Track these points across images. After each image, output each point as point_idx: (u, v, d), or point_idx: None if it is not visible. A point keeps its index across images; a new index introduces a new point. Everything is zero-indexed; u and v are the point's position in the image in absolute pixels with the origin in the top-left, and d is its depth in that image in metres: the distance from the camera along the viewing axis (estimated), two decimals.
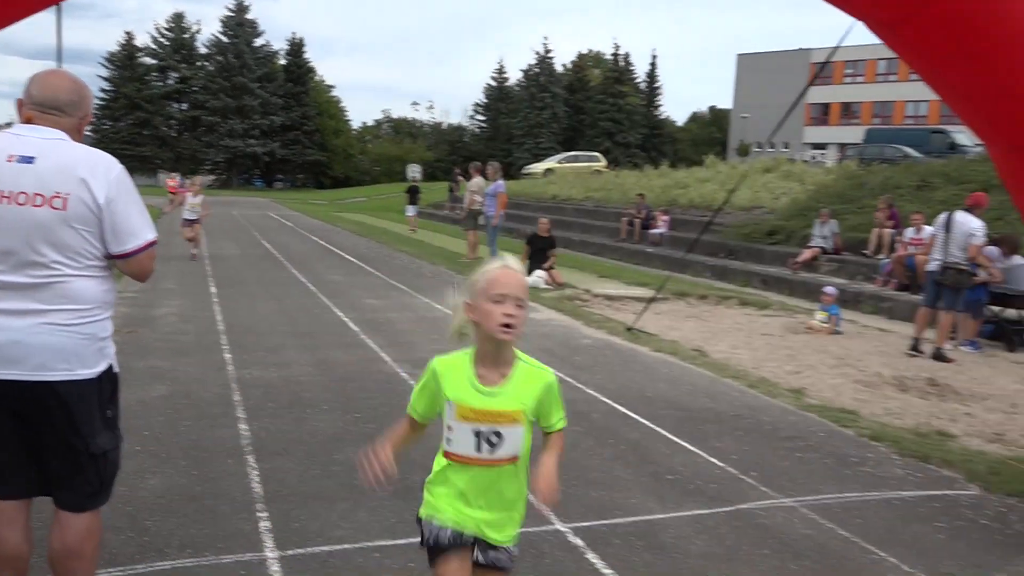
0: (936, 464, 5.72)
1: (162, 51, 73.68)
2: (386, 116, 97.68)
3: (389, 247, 20.96)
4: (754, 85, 71.62)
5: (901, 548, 4.32)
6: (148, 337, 8.81)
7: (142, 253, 2.99)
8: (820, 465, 5.61)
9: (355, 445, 5.55)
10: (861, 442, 6.17)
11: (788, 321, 11.82)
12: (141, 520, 4.23)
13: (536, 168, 43.88)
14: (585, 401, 6.97)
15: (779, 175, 22.58)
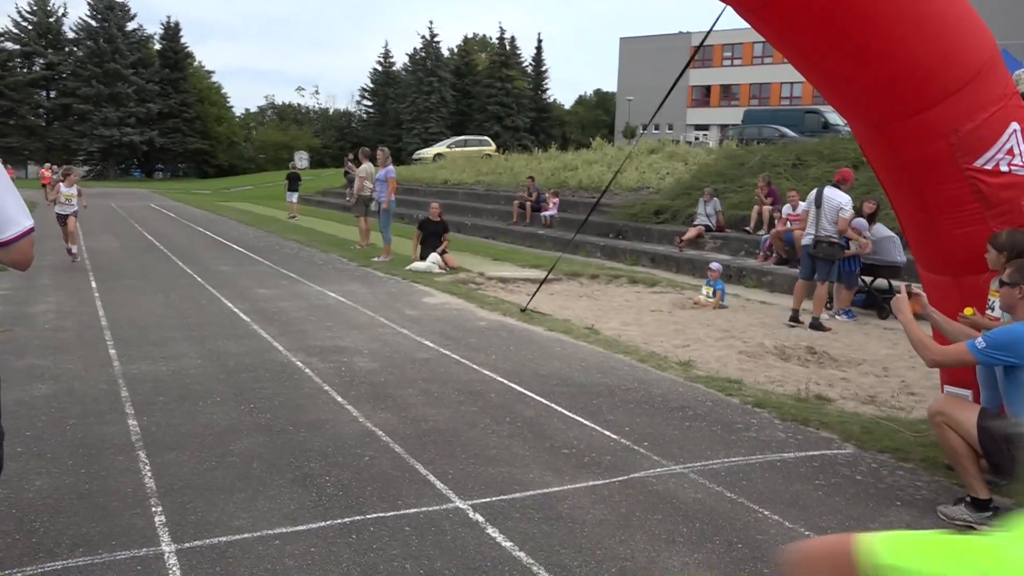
0: (815, 427, 6.05)
1: (25, 36, 69.65)
2: (270, 102, 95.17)
3: (278, 236, 20.56)
4: (637, 68, 72.97)
5: (783, 506, 4.58)
6: (25, 335, 8.43)
7: (22, 240, 2.90)
8: (708, 432, 5.85)
9: (251, 436, 5.49)
10: (746, 409, 6.47)
11: (676, 297, 12.20)
12: (28, 522, 4.09)
13: (426, 153, 43.69)
14: (481, 381, 7.06)
15: (663, 156, 23.14)
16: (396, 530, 4.13)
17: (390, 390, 6.71)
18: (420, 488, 4.68)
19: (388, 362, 7.66)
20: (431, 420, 5.95)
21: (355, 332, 8.96)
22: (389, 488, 4.66)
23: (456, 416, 6.06)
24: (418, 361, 7.73)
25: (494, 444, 5.47)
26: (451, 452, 5.28)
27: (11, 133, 66.29)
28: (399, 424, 5.83)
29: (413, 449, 5.31)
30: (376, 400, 6.41)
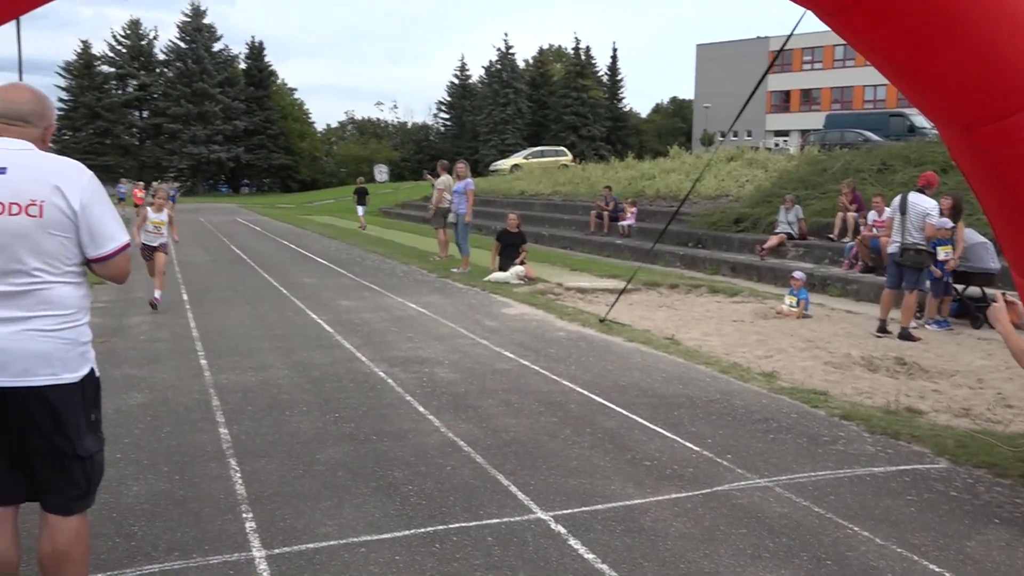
0: (906, 440, 5.87)
1: (120, 59, 72.81)
2: (350, 117, 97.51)
3: (360, 248, 20.94)
4: (715, 75, 72.19)
5: (873, 522, 4.45)
6: (122, 346, 8.77)
7: (119, 255, 3.04)
8: (793, 445, 5.74)
9: (336, 445, 5.61)
10: (832, 421, 6.32)
11: (758, 307, 12.00)
12: (127, 526, 4.26)
13: (503, 164, 43.96)
14: (561, 392, 7.06)
15: (743, 163, 22.81)
16: (478, 540, 4.16)
17: (471, 400, 6.77)
18: (502, 499, 4.70)
19: (468, 373, 7.72)
20: (512, 431, 5.97)
21: (436, 343, 9.07)
22: (471, 498, 4.70)
23: (536, 427, 6.08)
24: (498, 372, 7.78)
25: (575, 455, 5.47)
26: (532, 463, 5.29)
27: (107, 152, 69.23)
28: (480, 434, 5.87)
29: (494, 459, 5.34)
30: (457, 410, 6.47)
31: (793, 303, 11.32)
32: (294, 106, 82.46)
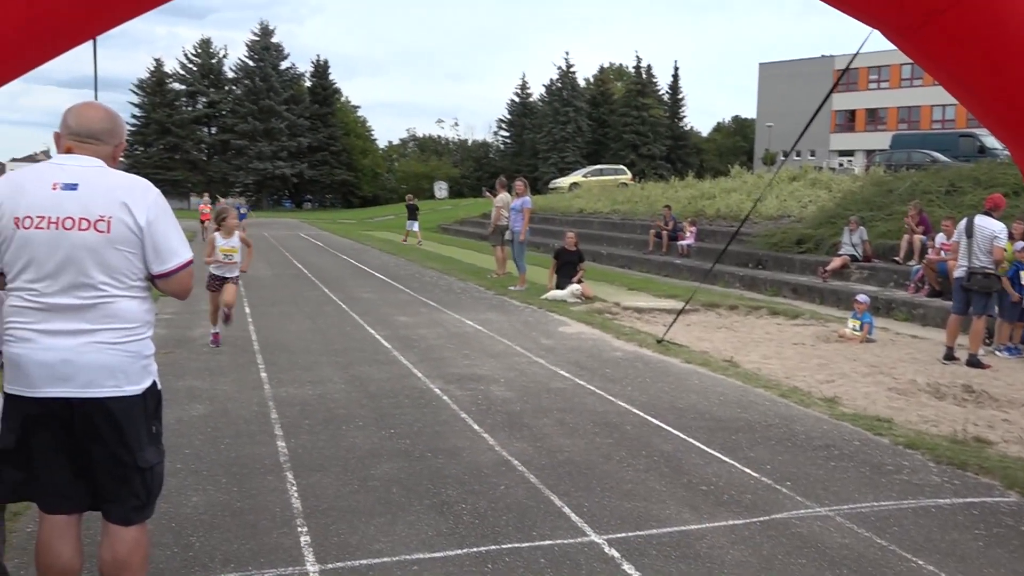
0: (974, 471, 5.68)
1: (190, 77, 74.80)
2: (411, 134, 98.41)
3: (418, 264, 21.11)
4: (778, 93, 71.32)
5: (939, 556, 4.31)
6: (185, 357, 8.96)
7: (182, 271, 3.11)
8: (855, 474, 5.59)
9: (391, 460, 5.64)
10: (896, 450, 6.15)
11: (819, 330, 11.77)
12: (186, 536, 4.33)
13: (562, 182, 43.96)
14: (617, 413, 7.00)
15: (806, 183, 22.45)
16: (531, 561, 4.13)
17: (526, 419, 6.75)
18: (555, 520, 4.67)
19: (524, 391, 7.70)
20: (566, 451, 5.93)
21: (492, 360, 9.08)
22: (524, 518, 4.67)
23: (591, 448, 6.03)
24: (553, 391, 7.74)
25: (630, 478, 5.41)
26: (586, 484, 5.25)
27: (176, 167, 71.08)
28: (534, 454, 5.84)
29: (548, 480, 5.31)
30: (512, 429, 6.45)
31: (856, 327, 11.08)
32: (357, 123, 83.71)
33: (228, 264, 9.54)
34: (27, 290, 2.90)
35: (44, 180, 2.95)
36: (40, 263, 2.88)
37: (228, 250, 9.55)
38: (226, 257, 9.52)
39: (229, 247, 9.55)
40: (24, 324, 2.90)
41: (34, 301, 2.90)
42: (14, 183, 2.98)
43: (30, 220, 2.88)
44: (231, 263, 9.55)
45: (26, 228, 2.88)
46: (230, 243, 9.57)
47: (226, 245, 9.53)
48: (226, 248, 9.53)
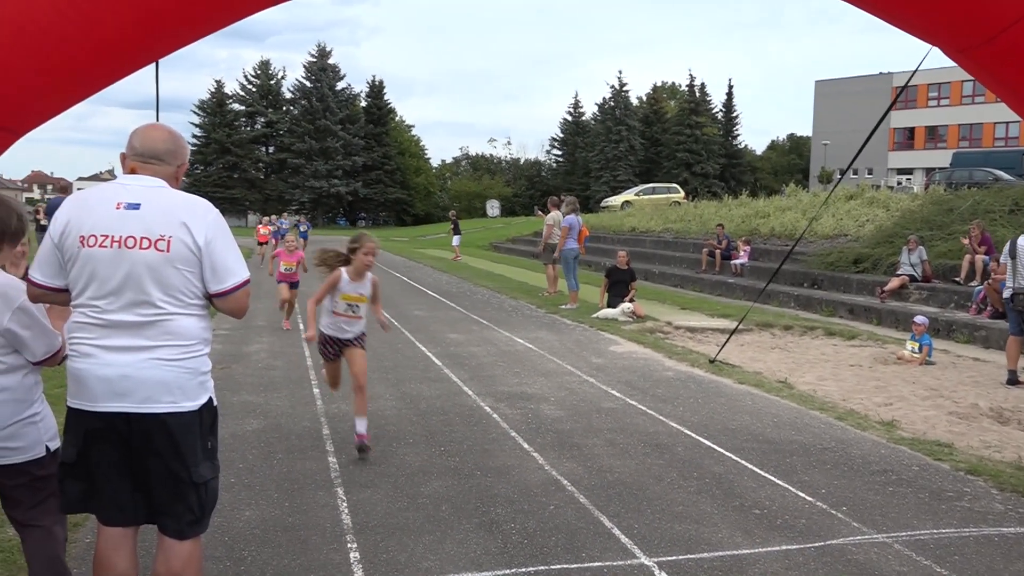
0: None
1: (250, 97, 76.42)
2: (464, 153, 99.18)
3: (470, 282, 21.19)
4: (834, 111, 70.38)
5: None
6: (241, 373, 9.11)
7: (239, 291, 3.15)
8: (914, 500, 5.45)
9: (441, 478, 5.65)
10: (957, 476, 5.98)
11: (877, 351, 11.53)
12: (238, 550, 4.38)
13: (614, 201, 43.87)
14: (668, 433, 6.93)
15: (863, 202, 22.08)
16: None
17: (576, 439, 6.72)
18: (604, 541, 4.63)
19: (574, 410, 7.67)
20: (616, 471, 5.89)
21: (542, 379, 9.06)
22: (574, 539, 4.64)
23: (642, 468, 5.97)
24: (604, 410, 7.70)
25: (681, 500, 5.34)
26: (636, 506, 5.20)
27: (235, 185, 72.56)
28: (584, 474, 5.81)
29: (598, 500, 5.27)
30: (562, 448, 6.43)
31: (915, 349, 10.83)
32: (411, 142, 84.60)
33: (352, 319, 6.43)
34: (90, 307, 2.98)
35: (108, 200, 3.03)
36: (103, 281, 2.96)
37: (355, 298, 6.40)
38: (350, 309, 6.38)
39: (357, 295, 6.39)
40: (86, 340, 2.98)
41: (96, 317, 2.97)
42: (80, 202, 3.07)
43: (94, 238, 2.96)
44: (355, 317, 6.42)
45: (90, 246, 2.96)
46: (358, 289, 6.39)
47: (353, 291, 6.37)
48: (353, 296, 6.38)
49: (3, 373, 3.18)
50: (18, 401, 3.22)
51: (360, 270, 6.39)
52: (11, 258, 3.40)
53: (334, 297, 6.35)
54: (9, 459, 3.19)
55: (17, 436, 3.20)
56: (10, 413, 3.18)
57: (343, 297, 6.33)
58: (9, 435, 3.17)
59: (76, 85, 3.61)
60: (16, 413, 3.20)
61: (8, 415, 3.18)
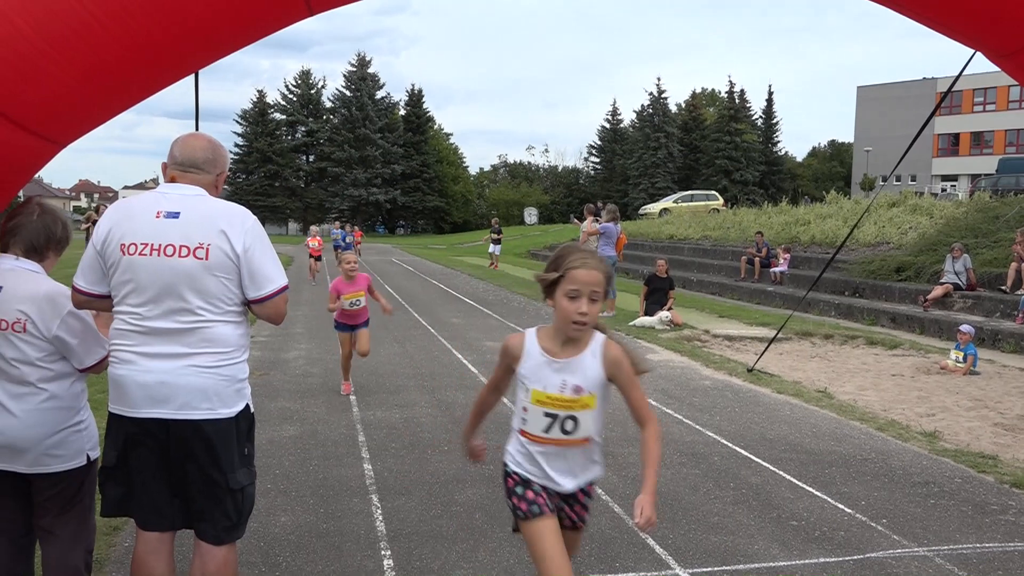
0: None
1: (291, 107, 77.27)
2: (502, 161, 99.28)
3: (507, 289, 21.21)
4: (876, 117, 69.42)
5: None
6: (279, 379, 9.20)
7: (277, 297, 3.18)
8: (957, 513, 5.34)
9: (475, 487, 5.65)
10: (1002, 489, 5.85)
11: (920, 361, 11.33)
12: (273, 555, 4.42)
13: (652, 208, 43.69)
14: (704, 443, 6.87)
15: (906, 209, 21.76)
16: None
17: (610, 447, 6.68)
18: (638, 552, 4.59)
19: (609, 418, 7.60)
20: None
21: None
22: (607, 549, 4.61)
23: (678, 478, 5.93)
24: None
25: (717, 510, 5.29)
26: (672, 516, 5.15)
27: (276, 194, 73.39)
28: (619, 483, 5.77)
29: (633, 510, 5.22)
30: None
31: (959, 358, 10.62)
32: (449, 150, 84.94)
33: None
34: (130, 314, 3.03)
35: (149, 208, 3.08)
36: (143, 288, 3.00)
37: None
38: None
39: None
40: (127, 346, 3.02)
41: (136, 324, 3.02)
42: (123, 211, 3.13)
43: (135, 246, 3.01)
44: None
45: (131, 254, 3.01)
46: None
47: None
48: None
49: (51, 380, 3.24)
50: (65, 408, 3.27)
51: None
52: (54, 264, 3.48)
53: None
54: (51, 467, 3.24)
55: (62, 444, 3.25)
56: (57, 421, 3.24)
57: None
58: (55, 443, 3.23)
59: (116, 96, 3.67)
60: (63, 421, 3.26)
61: (55, 423, 3.23)
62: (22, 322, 3.19)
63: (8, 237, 3.37)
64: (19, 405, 3.19)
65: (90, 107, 3.55)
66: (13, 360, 3.18)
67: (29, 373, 3.19)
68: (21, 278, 3.27)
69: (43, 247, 3.38)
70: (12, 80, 3.13)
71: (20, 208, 3.45)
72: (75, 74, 3.29)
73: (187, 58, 3.72)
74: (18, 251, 3.35)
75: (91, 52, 3.25)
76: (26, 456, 3.20)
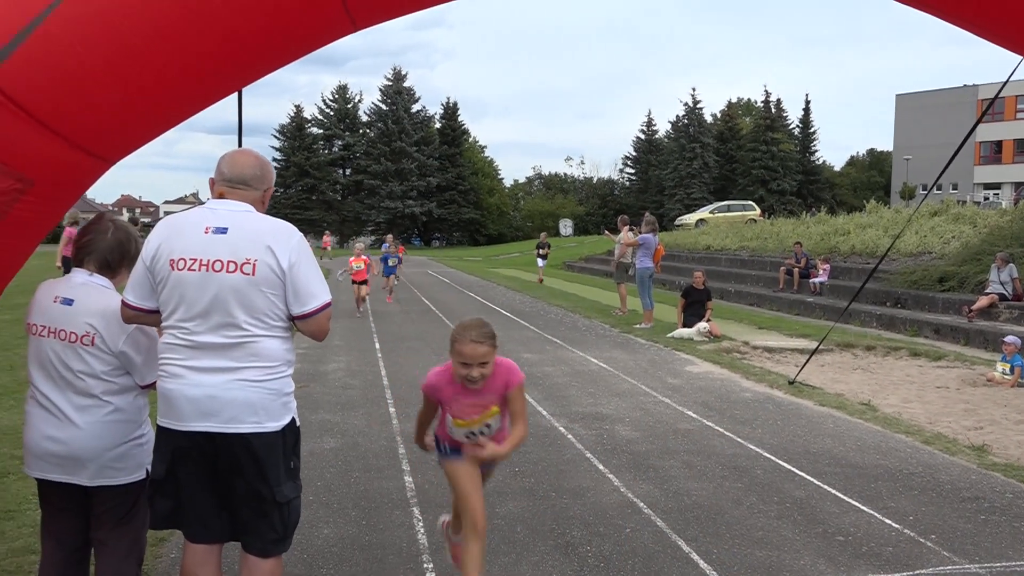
0: None
1: (327, 121, 78.08)
2: (537, 173, 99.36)
3: (543, 301, 21.19)
4: (916, 125, 68.54)
5: None
6: (319, 391, 9.26)
7: (320, 313, 3.21)
8: (1009, 529, 5.22)
9: (516, 499, 5.63)
10: None
11: (965, 373, 11.12)
12: (316, 567, 4.44)
13: (688, 219, 43.45)
14: (746, 456, 6.79)
15: (948, 218, 21.41)
16: None
17: (652, 460, 6.63)
18: (683, 566, 4.55)
19: (650, 431, 7.58)
20: (694, 494, 5.79)
21: (617, 399, 8.99)
22: (651, 563, 4.58)
23: (720, 492, 5.87)
24: (680, 432, 7.59)
25: (761, 525, 5.22)
26: (715, 530, 5.10)
27: (313, 207, 74.10)
28: (661, 496, 5.73)
29: (675, 524, 5.19)
30: (637, 470, 6.35)
31: (1006, 370, 10.41)
32: (484, 162, 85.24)
33: None
34: (179, 328, 3.07)
35: (197, 224, 3.12)
36: (191, 303, 3.05)
37: None
38: None
39: None
40: (175, 360, 3.07)
41: (185, 339, 3.06)
42: (172, 227, 3.18)
43: (183, 262, 3.05)
44: None
45: (179, 270, 3.05)
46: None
47: None
48: None
49: (115, 394, 3.31)
50: (128, 422, 3.34)
51: None
52: None
53: None
54: (112, 480, 3.31)
55: (124, 457, 3.31)
56: (120, 433, 3.31)
57: None
58: (117, 456, 3.30)
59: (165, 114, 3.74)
60: (125, 434, 3.33)
61: (119, 435, 3.30)
62: (91, 336, 3.26)
63: (83, 253, 3.47)
64: (83, 417, 3.26)
65: (139, 125, 3.61)
66: (80, 372, 3.27)
67: (94, 386, 3.27)
68: (92, 293, 3.35)
69: (116, 263, 3.47)
70: (65, 99, 3.20)
71: (93, 225, 3.53)
72: (125, 93, 3.35)
73: (233, 76, 3.77)
74: (92, 267, 3.44)
75: (140, 71, 3.32)
76: (88, 468, 3.27)
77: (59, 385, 3.29)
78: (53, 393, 3.29)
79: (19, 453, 6.24)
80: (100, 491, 3.31)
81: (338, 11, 3.58)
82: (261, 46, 3.57)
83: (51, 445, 3.27)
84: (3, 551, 4.49)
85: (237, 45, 3.47)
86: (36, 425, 3.31)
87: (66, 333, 3.28)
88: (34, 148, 3.20)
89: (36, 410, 3.33)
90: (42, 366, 3.32)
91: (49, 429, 3.28)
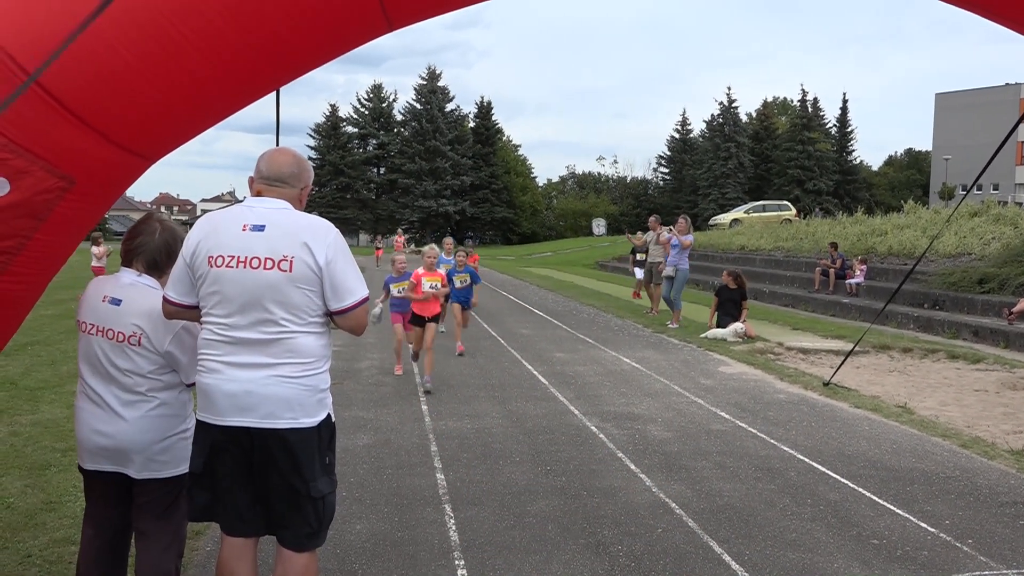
0: None
1: (362, 120, 78.51)
2: (571, 172, 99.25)
3: (576, 301, 21.17)
4: (956, 125, 67.50)
5: None
6: (353, 388, 9.34)
7: (358, 308, 3.24)
8: None
9: (547, 498, 5.65)
10: None
11: (1005, 376, 10.94)
12: (349, 563, 4.49)
13: (722, 219, 43.13)
14: (780, 458, 6.75)
15: (988, 219, 21.06)
16: None
17: (684, 461, 6.61)
18: (714, 568, 4.53)
19: (682, 432, 7.56)
20: (726, 495, 5.77)
21: (649, 399, 8.96)
22: (682, 564, 4.57)
23: (753, 493, 5.83)
24: (713, 432, 7.55)
25: (794, 527, 5.19)
26: (747, 532, 5.07)
27: (347, 206, 74.59)
28: (693, 497, 5.71)
29: (707, 525, 5.17)
30: (669, 470, 6.34)
31: None
32: (518, 161, 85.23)
33: None
34: (218, 324, 3.12)
35: (236, 222, 3.17)
36: (229, 299, 3.09)
37: None
38: None
39: None
40: (214, 356, 3.12)
41: (223, 335, 3.11)
42: (211, 224, 3.23)
43: (222, 259, 3.10)
44: None
45: (218, 267, 3.10)
46: None
47: None
48: None
49: (160, 390, 3.39)
50: (173, 416, 3.41)
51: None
52: None
53: None
54: (157, 473, 3.37)
55: (169, 450, 3.38)
56: (167, 427, 3.38)
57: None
58: (162, 449, 3.36)
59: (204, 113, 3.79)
60: (171, 428, 3.39)
61: (165, 428, 3.38)
62: (137, 336, 3.33)
63: (132, 254, 3.53)
64: (130, 411, 3.34)
65: (179, 124, 3.67)
66: (126, 370, 3.34)
67: (140, 383, 3.34)
68: (140, 293, 3.42)
69: (164, 264, 3.52)
70: (107, 98, 3.26)
71: (141, 226, 3.60)
72: (166, 92, 3.41)
73: (271, 76, 3.82)
74: (140, 267, 3.51)
75: (181, 70, 3.37)
76: (135, 460, 3.34)
77: (106, 381, 3.36)
78: (101, 388, 3.37)
79: (60, 446, 6.39)
80: (145, 483, 3.38)
81: (375, 11, 3.61)
82: (299, 46, 3.62)
83: (99, 439, 3.35)
84: (44, 541, 4.59)
85: (275, 45, 3.52)
86: (85, 419, 3.40)
87: (114, 332, 3.35)
88: (77, 147, 3.26)
89: (85, 404, 3.41)
90: (90, 362, 3.40)
91: (97, 423, 3.36)
